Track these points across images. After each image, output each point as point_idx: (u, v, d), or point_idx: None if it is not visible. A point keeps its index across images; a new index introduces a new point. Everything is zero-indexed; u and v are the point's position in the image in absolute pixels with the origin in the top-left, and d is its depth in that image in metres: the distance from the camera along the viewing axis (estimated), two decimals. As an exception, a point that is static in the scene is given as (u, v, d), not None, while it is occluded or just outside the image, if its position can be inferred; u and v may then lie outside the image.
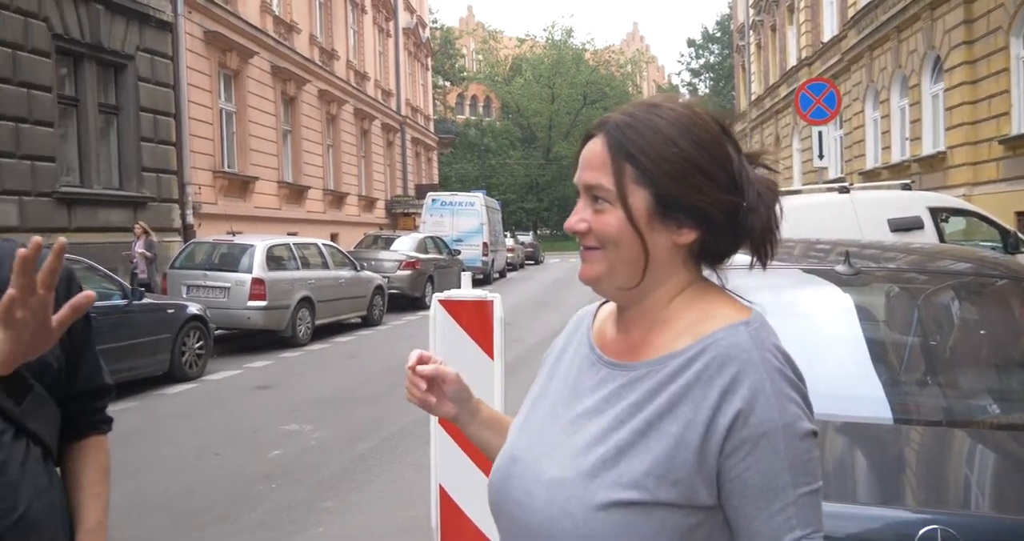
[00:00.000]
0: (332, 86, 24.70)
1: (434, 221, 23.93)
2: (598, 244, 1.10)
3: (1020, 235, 8.44)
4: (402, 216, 30.34)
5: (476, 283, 18.02)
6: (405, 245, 19.07)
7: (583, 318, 1.28)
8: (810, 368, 2.59)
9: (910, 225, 6.98)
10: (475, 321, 3.20)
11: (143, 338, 8.72)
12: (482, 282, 22.98)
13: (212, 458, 6.25)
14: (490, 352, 3.18)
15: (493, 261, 25.36)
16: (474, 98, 67.94)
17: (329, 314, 13.44)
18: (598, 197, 1.10)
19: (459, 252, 21.55)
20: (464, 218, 24.13)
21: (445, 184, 40.88)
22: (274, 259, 12.32)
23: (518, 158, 54.76)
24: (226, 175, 17.68)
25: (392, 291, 16.39)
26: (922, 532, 1.79)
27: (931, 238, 6.93)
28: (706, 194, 1.07)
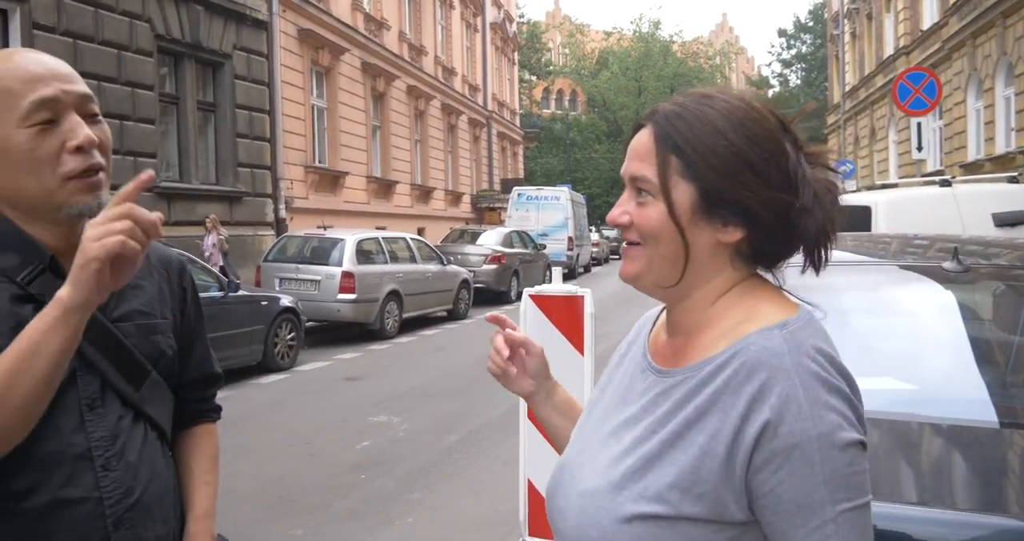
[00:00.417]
0: (420, 82, 24.98)
1: (520, 215, 23.99)
2: (639, 239, 1.06)
3: None
4: (488, 210, 30.50)
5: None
6: (491, 239, 19.17)
7: (646, 321, 1.24)
8: (911, 368, 2.53)
9: (1017, 220, 6.67)
10: (565, 316, 3.20)
11: (238, 329, 8.99)
12: (567, 277, 22.92)
13: (303, 447, 6.41)
14: (580, 347, 3.19)
15: (578, 255, 25.29)
16: (560, 92, 67.80)
17: (416, 307, 13.63)
18: (642, 189, 1.06)
19: (544, 246, 21.56)
20: (549, 212, 24.11)
21: (531, 178, 40.94)
22: (363, 253, 12.55)
23: (603, 152, 54.40)
24: (317, 170, 18.07)
25: (478, 285, 16.50)
26: (1028, 541, 1.72)
27: (1039, 234, 6.62)
28: (755, 191, 1.01)
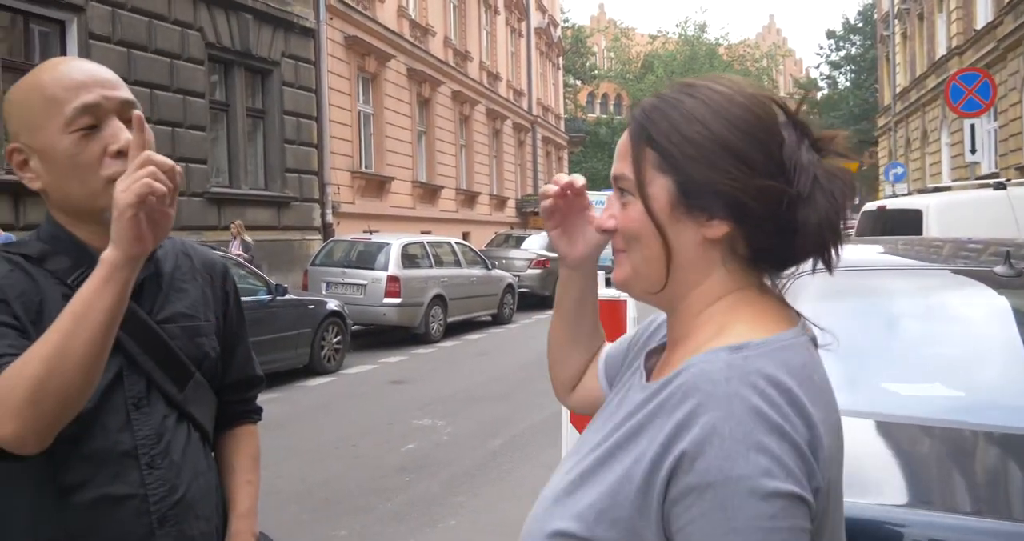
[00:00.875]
0: (465, 87, 25.08)
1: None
2: (623, 244, 0.99)
3: None
4: (532, 215, 30.45)
5: (605, 282, 17.81)
6: (535, 244, 19.18)
7: (661, 325, 1.12)
8: (962, 375, 2.47)
9: (1074, 223, 6.50)
10: (609, 320, 3.17)
11: (285, 332, 9.10)
12: (609, 282, 22.83)
13: (349, 449, 6.46)
14: (622, 352, 3.16)
15: (623, 260, 25.13)
16: (605, 96, 67.60)
17: (461, 312, 13.68)
18: (623, 190, 0.98)
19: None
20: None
21: (575, 183, 40.78)
22: (408, 257, 12.63)
23: (649, 156, 54.02)
24: (363, 175, 18.22)
25: (522, 289, 16.52)
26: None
27: (1098, 238, 6.44)
28: (737, 179, 0.90)
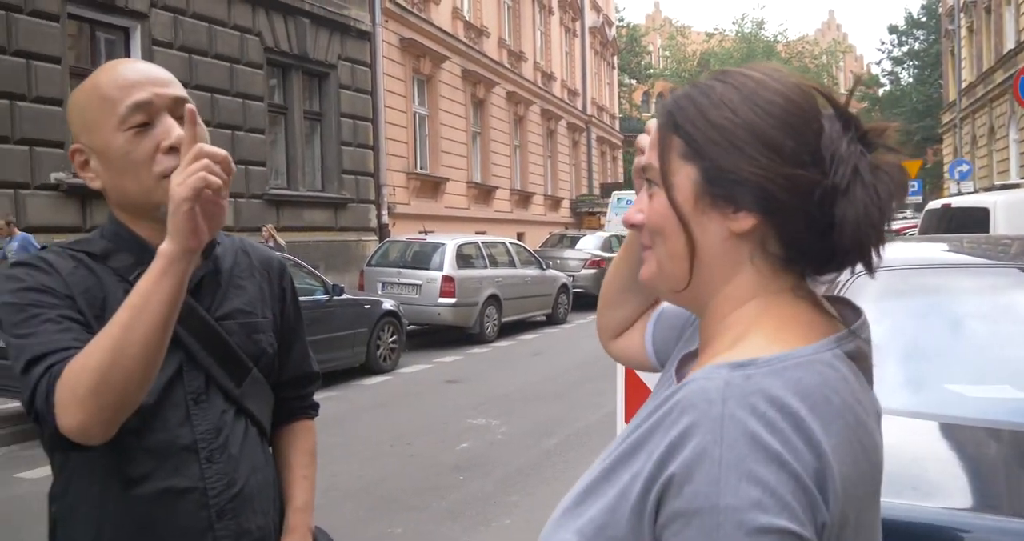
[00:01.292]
0: (520, 88, 25.11)
1: (619, 220, 23.68)
2: (649, 240, 0.93)
3: None
4: (587, 215, 30.41)
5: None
6: (590, 244, 19.12)
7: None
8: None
9: None
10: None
11: (342, 332, 9.20)
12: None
13: (404, 448, 6.51)
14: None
15: (679, 260, 24.91)
16: (660, 95, 67.06)
17: (515, 312, 13.69)
18: (650, 181, 0.93)
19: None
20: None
21: (630, 183, 40.19)
22: (463, 257, 12.68)
23: (705, 155, 53.50)
24: (419, 176, 18.36)
25: (577, 290, 16.47)
26: None
27: None
28: (763, 166, 0.83)
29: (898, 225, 18.77)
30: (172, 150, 1.31)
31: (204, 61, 11.85)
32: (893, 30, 49.80)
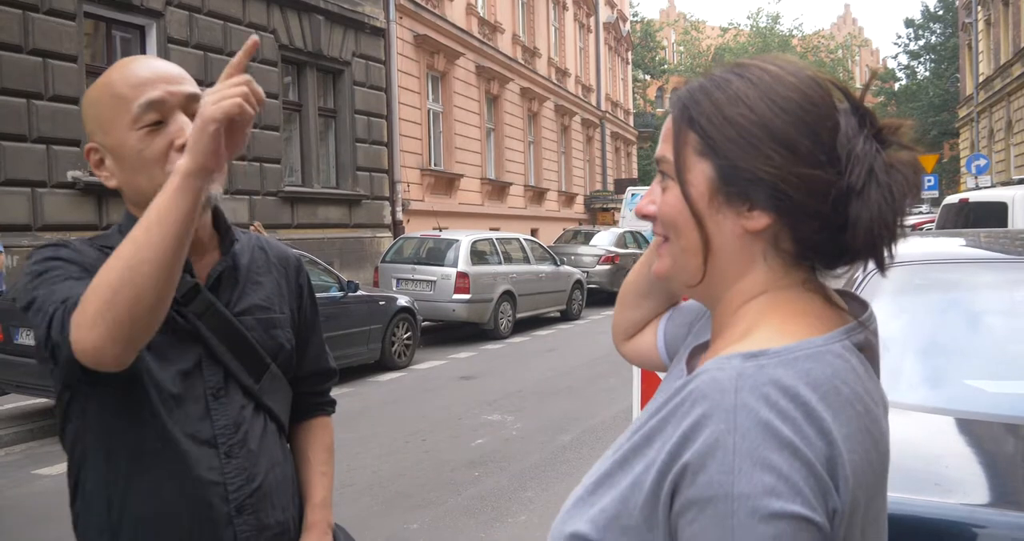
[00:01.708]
0: (534, 84, 25.09)
1: (633, 216, 23.59)
2: (663, 231, 0.94)
3: None
4: (601, 211, 30.38)
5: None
6: (604, 240, 19.08)
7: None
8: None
9: None
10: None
11: (357, 328, 9.22)
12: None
13: (419, 443, 6.52)
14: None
15: (694, 256, 24.85)
16: (674, 90, 66.94)
17: (529, 308, 13.69)
18: (664, 173, 0.93)
19: (659, 247, 21.28)
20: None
21: (645, 179, 40.52)
22: (477, 254, 12.68)
23: (719, 151, 53.29)
24: (433, 173, 18.38)
25: (591, 286, 16.46)
26: None
27: None
28: (778, 165, 0.84)
29: (914, 220, 18.65)
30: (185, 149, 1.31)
31: (219, 59, 11.88)
32: (909, 24, 49.39)
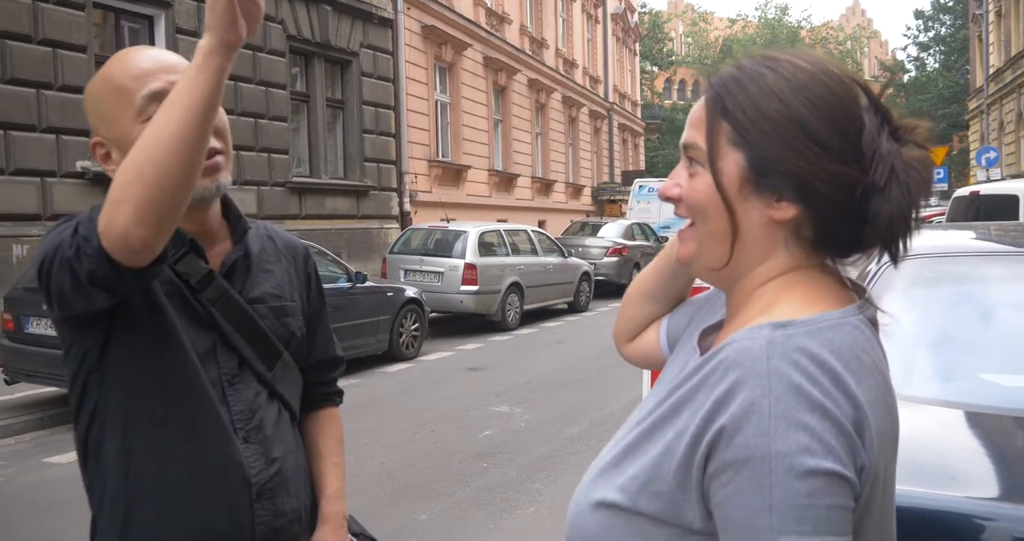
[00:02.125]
0: (541, 75, 25.03)
1: (641, 208, 23.70)
2: (688, 214, 0.98)
3: None
4: (609, 203, 30.32)
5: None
6: (612, 232, 19.05)
7: (721, 301, 1.09)
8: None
9: None
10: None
11: (365, 319, 9.23)
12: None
13: (428, 435, 6.53)
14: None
15: (701, 248, 24.82)
16: (682, 82, 66.70)
17: (537, 299, 13.68)
18: (692, 159, 0.97)
19: (666, 239, 21.27)
20: (671, 204, 23.73)
21: (652, 170, 40.47)
22: (485, 245, 12.67)
23: (727, 143, 53.12)
24: (440, 164, 18.36)
25: (599, 277, 16.44)
26: None
27: None
28: (810, 162, 0.88)
29: (924, 213, 18.58)
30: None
31: (227, 49, 11.88)
32: (919, 15, 49.12)
